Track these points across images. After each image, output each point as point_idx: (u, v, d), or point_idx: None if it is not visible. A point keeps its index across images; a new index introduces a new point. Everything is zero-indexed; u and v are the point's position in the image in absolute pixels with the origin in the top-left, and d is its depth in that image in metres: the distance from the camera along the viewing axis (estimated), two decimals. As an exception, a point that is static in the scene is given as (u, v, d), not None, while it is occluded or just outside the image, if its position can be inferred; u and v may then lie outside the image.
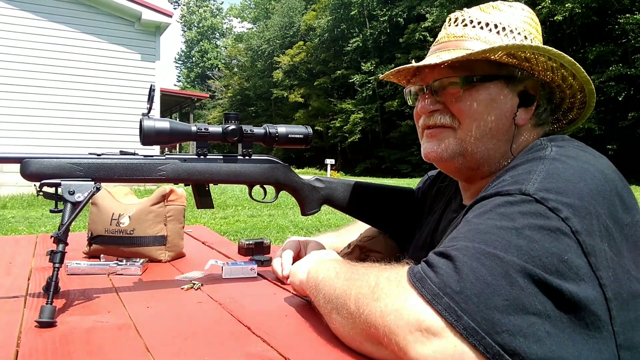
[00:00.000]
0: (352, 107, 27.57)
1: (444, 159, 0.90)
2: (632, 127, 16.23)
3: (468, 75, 0.86)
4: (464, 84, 0.86)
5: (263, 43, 37.46)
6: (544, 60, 0.83)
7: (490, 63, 0.85)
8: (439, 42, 0.93)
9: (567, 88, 0.88)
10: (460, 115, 0.87)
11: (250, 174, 1.06)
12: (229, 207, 7.55)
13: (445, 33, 0.92)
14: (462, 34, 0.89)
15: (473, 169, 0.91)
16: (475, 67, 0.86)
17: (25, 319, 0.84)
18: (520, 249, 0.60)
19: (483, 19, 0.88)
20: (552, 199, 0.64)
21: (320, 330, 0.80)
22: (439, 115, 0.90)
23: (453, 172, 0.97)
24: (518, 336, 0.56)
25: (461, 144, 0.88)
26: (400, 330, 0.60)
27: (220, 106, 42.18)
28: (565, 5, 16.55)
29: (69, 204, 0.89)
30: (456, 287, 0.59)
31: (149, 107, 0.96)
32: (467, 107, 0.86)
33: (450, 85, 0.87)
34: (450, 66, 0.86)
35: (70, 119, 9.28)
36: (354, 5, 27.92)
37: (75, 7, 9.44)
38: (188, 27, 54.73)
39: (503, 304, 0.57)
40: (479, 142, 0.87)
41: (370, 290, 0.67)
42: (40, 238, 1.71)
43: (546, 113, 0.90)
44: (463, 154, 0.89)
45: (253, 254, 1.39)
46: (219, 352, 0.70)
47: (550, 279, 0.59)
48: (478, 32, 0.88)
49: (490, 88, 0.86)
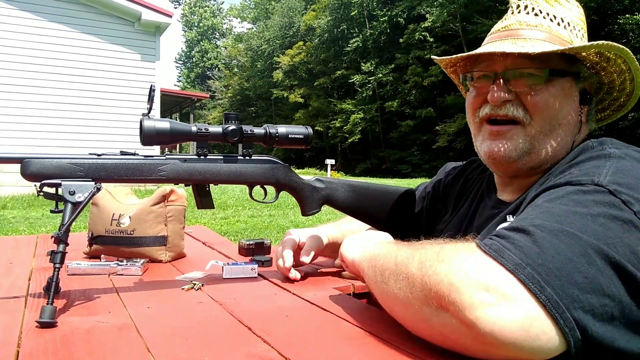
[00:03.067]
0: (352, 108, 27.57)
1: (512, 158, 0.87)
2: (632, 128, 16.23)
3: (551, 69, 0.83)
4: (548, 77, 0.82)
5: (263, 43, 37.46)
6: (620, 63, 0.82)
7: (564, 58, 0.83)
8: (507, 28, 0.89)
9: (617, 91, 0.88)
10: (534, 110, 0.84)
11: (250, 174, 1.06)
12: (229, 207, 7.55)
13: (516, 20, 0.88)
14: (537, 23, 0.86)
15: (533, 168, 0.89)
16: (552, 60, 0.83)
17: (25, 319, 0.84)
18: (597, 232, 0.61)
19: (550, 12, 0.86)
20: (625, 192, 0.65)
21: (321, 330, 0.80)
22: (511, 106, 0.85)
23: (510, 173, 0.92)
24: (589, 314, 0.58)
25: (530, 142, 0.85)
26: (466, 289, 0.59)
27: (220, 106, 42.19)
28: (565, 6, 16.53)
29: (70, 204, 0.89)
30: (537, 259, 0.59)
31: (149, 107, 0.96)
32: (543, 101, 0.83)
33: (529, 77, 0.83)
34: (526, 56, 0.82)
35: (70, 119, 9.28)
36: (353, 6, 27.92)
37: (75, 7, 9.44)
38: (189, 27, 54.74)
39: (582, 281, 0.58)
40: (547, 138, 0.85)
41: (435, 254, 0.66)
42: (41, 238, 1.71)
43: (594, 112, 0.90)
44: (530, 152, 0.86)
45: (253, 254, 1.39)
46: (219, 352, 0.70)
47: (627, 266, 0.60)
48: (550, 24, 0.85)
49: (563, 83, 0.84)
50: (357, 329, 0.80)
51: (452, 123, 21.54)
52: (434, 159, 22.76)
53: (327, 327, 0.82)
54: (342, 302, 0.97)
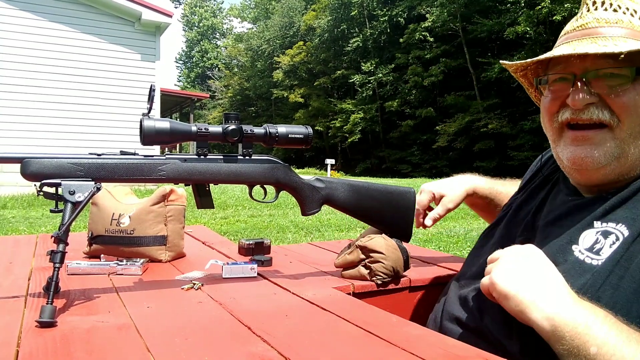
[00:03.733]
0: (352, 107, 27.55)
1: (601, 164, 0.81)
2: None
3: (634, 67, 0.77)
4: (636, 76, 0.77)
5: (263, 43, 37.44)
6: None
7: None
8: (584, 26, 0.83)
9: None
10: (622, 111, 0.78)
11: (250, 174, 1.06)
12: (229, 207, 7.55)
13: (594, 17, 0.82)
14: (617, 19, 0.80)
15: (621, 175, 0.82)
16: (636, 58, 0.77)
17: (25, 319, 0.84)
18: None
19: (631, 6, 0.80)
20: None
21: (321, 330, 0.80)
22: (595, 109, 0.79)
23: (595, 182, 0.86)
24: None
25: (620, 145, 0.79)
26: None
27: (220, 106, 42.18)
28: (565, 5, 16.54)
29: (69, 204, 0.89)
30: None
31: (149, 107, 0.96)
32: (632, 102, 0.78)
33: (613, 77, 0.78)
34: (610, 56, 0.76)
35: (70, 119, 9.28)
36: (354, 5, 27.90)
37: (75, 7, 9.44)
38: (189, 27, 54.74)
39: None
40: (637, 140, 0.79)
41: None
42: (41, 238, 1.71)
43: None
44: (619, 157, 0.80)
45: (253, 254, 1.39)
46: (219, 352, 0.70)
47: None
48: (631, 19, 0.80)
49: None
50: (357, 329, 0.80)
51: (452, 123, 21.54)
52: (434, 158, 22.78)
53: (327, 327, 0.82)
54: (342, 302, 0.97)
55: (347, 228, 5.46)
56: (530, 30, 18.29)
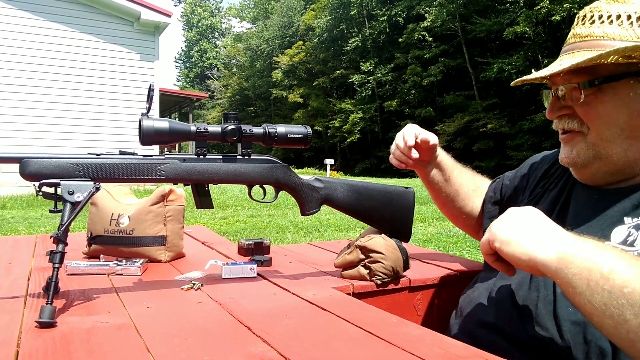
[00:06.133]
0: (352, 107, 27.56)
1: (578, 164, 0.88)
2: None
3: (590, 79, 0.82)
4: (584, 89, 0.82)
5: (262, 43, 37.43)
6: None
7: (623, 59, 0.78)
8: (567, 43, 0.88)
9: None
10: (587, 120, 0.84)
11: (249, 173, 1.06)
12: (228, 207, 7.55)
13: (572, 33, 0.87)
14: (588, 33, 0.84)
15: (613, 173, 0.86)
16: (599, 68, 0.81)
17: (25, 319, 0.84)
18: None
19: (615, 11, 0.82)
20: None
21: (321, 330, 0.80)
22: (568, 120, 0.87)
23: (588, 179, 0.91)
24: None
25: (594, 148, 0.85)
26: None
27: (219, 106, 42.16)
28: (564, 6, 16.55)
29: (69, 204, 0.89)
30: None
31: (148, 106, 0.96)
32: (592, 111, 0.83)
33: (573, 91, 0.84)
34: (572, 70, 0.82)
35: (69, 118, 9.28)
36: (353, 5, 27.90)
37: (74, 6, 9.43)
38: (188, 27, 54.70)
39: None
40: (612, 144, 0.83)
41: None
42: (40, 238, 1.71)
43: None
44: (598, 157, 0.85)
45: (253, 254, 1.39)
46: (219, 352, 0.70)
47: None
48: (606, 29, 0.82)
49: (617, 88, 0.81)
50: (357, 329, 0.80)
51: (451, 123, 21.56)
52: (433, 158, 22.71)
53: (327, 327, 0.82)
54: (342, 302, 0.97)
55: (346, 228, 5.46)
56: (529, 30, 18.30)
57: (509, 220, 0.77)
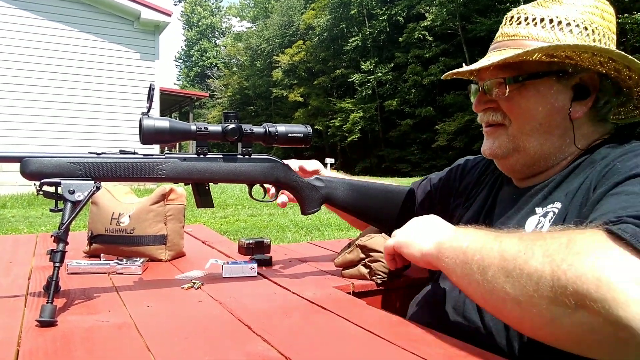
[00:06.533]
0: (352, 106, 27.53)
1: (499, 156, 0.94)
2: (632, 127, 16.20)
3: (515, 75, 0.87)
4: (509, 84, 0.88)
5: (262, 42, 37.41)
6: (588, 57, 0.82)
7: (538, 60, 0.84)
8: (495, 42, 0.95)
9: (626, 79, 0.85)
10: (510, 113, 0.90)
11: (250, 173, 1.06)
12: (229, 206, 7.55)
13: (500, 32, 0.93)
14: (515, 32, 0.90)
15: (529, 166, 0.93)
16: (524, 65, 0.87)
17: (25, 318, 0.84)
18: None
19: (539, 15, 0.88)
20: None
21: (321, 329, 0.80)
22: (492, 112, 0.93)
23: (509, 170, 0.98)
24: None
25: (513, 140, 0.91)
26: (620, 284, 0.54)
27: (219, 105, 42.13)
28: (565, 4, 16.53)
29: (69, 203, 0.89)
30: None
31: (149, 106, 0.96)
32: (515, 105, 0.89)
33: (499, 86, 0.90)
34: (499, 66, 0.88)
35: (69, 118, 9.28)
36: (353, 5, 27.88)
37: (75, 6, 9.43)
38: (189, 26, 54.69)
39: None
40: (530, 137, 0.89)
41: (564, 246, 0.60)
42: (41, 237, 1.71)
43: (608, 106, 0.89)
44: (517, 149, 0.91)
45: (253, 253, 1.39)
46: (219, 352, 0.71)
47: None
48: (530, 30, 0.88)
49: (538, 85, 0.87)
50: (357, 328, 0.80)
51: (451, 122, 21.53)
52: (434, 157, 22.74)
53: (327, 326, 0.82)
54: (342, 301, 0.97)
55: (347, 227, 5.46)
56: (530, 29, 18.25)
57: (408, 226, 0.93)
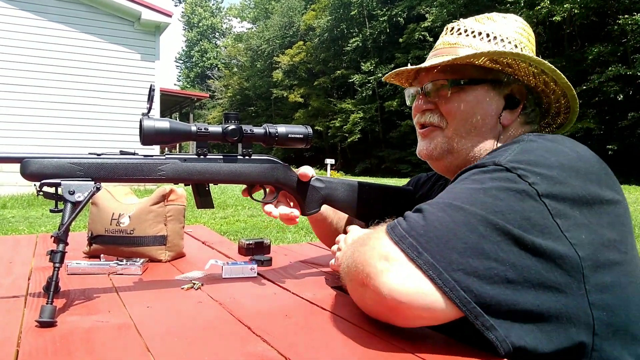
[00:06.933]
0: (352, 107, 27.55)
1: (434, 157, 0.98)
2: (632, 127, 16.22)
3: (456, 79, 0.93)
4: (451, 86, 0.93)
5: (263, 43, 37.43)
6: (525, 66, 0.89)
7: (478, 68, 0.92)
8: (435, 49, 1.00)
9: (550, 93, 0.95)
10: (448, 115, 0.95)
11: (250, 173, 1.06)
12: (229, 206, 7.55)
13: (442, 41, 1.00)
14: (456, 41, 0.96)
15: (462, 167, 0.95)
16: (465, 71, 0.93)
17: (25, 318, 0.84)
18: (485, 203, 0.69)
19: (477, 29, 0.95)
20: (522, 167, 0.72)
21: (321, 330, 0.80)
22: (430, 114, 0.98)
23: (443, 171, 1.03)
24: (472, 276, 0.65)
25: (449, 142, 0.95)
26: (372, 260, 0.70)
27: (220, 106, 42.17)
28: (564, 6, 16.54)
29: (69, 204, 0.89)
30: (420, 230, 0.69)
31: (149, 106, 0.96)
32: (454, 107, 0.94)
33: (441, 88, 0.95)
34: (442, 70, 0.94)
35: (70, 118, 9.28)
36: (353, 5, 27.90)
37: (75, 6, 9.44)
38: (189, 27, 54.70)
39: (462, 247, 0.66)
40: (464, 139, 0.94)
41: (361, 241, 0.77)
42: (41, 238, 1.71)
43: (534, 113, 0.97)
44: (451, 151, 0.96)
45: (253, 253, 1.39)
46: (219, 352, 0.70)
47: (513, 230, 0.66)
48: (470, 40, 0.95)
49: (476, 90, 0.93)
50: (357, 329, 0.80)
51: (451, 123, 21.54)
52: (434, 158, 22.71)
53: (327, 327, 0.82)
54: (342, 301, 0.97)
55: (346, 228, 5.45)
56: (530, 30, 18.26)
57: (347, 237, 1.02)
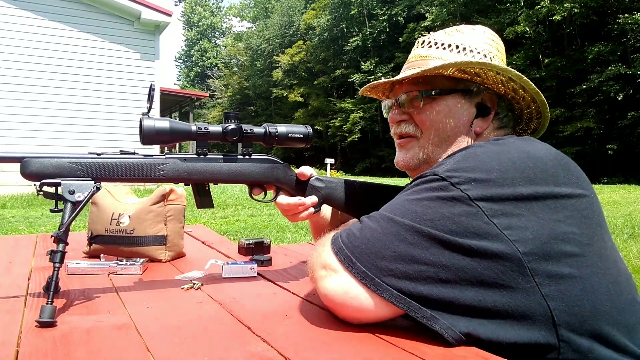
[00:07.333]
0: (352, 107, 27.55)
1: (411, 167, 1.00)
2: (632, 127, 16.23)
3: (428, 89, 0.96)
4: (423, 97, 0.96)
5: (262, 42, 37.43)
6: (493, 75, 0.92)
7: (449, 79, 0.94)
8: (408, 62, 1.03)
9: (520, 99, 0.97)
10: (422, 125, 0.97)
11: (250, 173, 1.06)
12: (228, 206, 7.55)
13: (413, 54, 1.02)
14: (427, 54, 0.99)
15: None
16: (435, 82, 0.96)
17: (25, 318, 0.84)
18: (415, 213, 0.75)
19: (446, 41, 0.98)
20: (457, 175, 0.75)
21: (321, 330, 0.80)
22: (405, 124, 1.00)
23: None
24: (403, 279, 0.73)
25: (424, 151, 0.98)
26: (315, 267, 0.83)
27: (219, 105, 42.16)
28: (564, 5, 16.54)
29: (69, 204, 0.89)
30: (355, 242, 0.78)
31: (149, 106, 0.96)
32: (427, 117, 0.96)
33: (414, 99, 0.97)
34: (414, 82, 0.97)
35: (70, 118, 9.28)
36: (353, 5, 27.90)
37: (75, 6, 9.43)
38: (189, 26, 54.68)
39: (391, 255, 0.74)
40: (438, 148, 0.97)
41: (317, 246, 0.87)
42: (40, 238, 1.71)
43: (507, 119, 0.99)
44: (427, 161, 0.98)
45: (253, 253, 1.39)
46: (219, 352, 0.70)
47: (441, 236, 0.71)
48: (440, 52, 0.97)
49: (448, 100, 0.95)
50: (357, 329, 0.80)
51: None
52: (434, 158, 22.70)
53: (327, 327, 0.82)
54: (342, 301, 0.97)
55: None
56: (530, 29, 18.28)
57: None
